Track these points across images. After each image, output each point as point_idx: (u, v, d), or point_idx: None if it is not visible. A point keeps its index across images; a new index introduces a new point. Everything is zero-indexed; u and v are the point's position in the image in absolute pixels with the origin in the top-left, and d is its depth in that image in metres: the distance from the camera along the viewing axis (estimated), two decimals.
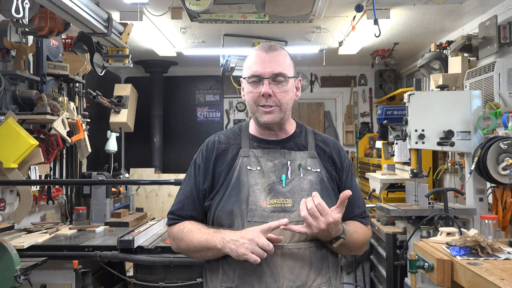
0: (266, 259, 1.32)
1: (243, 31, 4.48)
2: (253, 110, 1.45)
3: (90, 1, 2.78)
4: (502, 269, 1.58)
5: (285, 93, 1.43)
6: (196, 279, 2.64)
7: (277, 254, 1.33)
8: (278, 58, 1.43)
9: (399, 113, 3.34)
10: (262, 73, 1.41)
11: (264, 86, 1.40)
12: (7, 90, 3.25)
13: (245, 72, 1.46)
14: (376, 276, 3.85)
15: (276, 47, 1.46)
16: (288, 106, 1.45)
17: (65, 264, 2.74)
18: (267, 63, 1.41)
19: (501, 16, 3.52)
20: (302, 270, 1.34)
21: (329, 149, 1.51)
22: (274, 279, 1.32)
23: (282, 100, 1.42)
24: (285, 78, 1.42)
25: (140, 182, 4.58)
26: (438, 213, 2.71)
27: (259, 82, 1.42)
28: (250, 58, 1.46)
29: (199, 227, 1.43)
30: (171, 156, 6.46)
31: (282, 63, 1.43)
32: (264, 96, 1.40)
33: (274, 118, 1.42)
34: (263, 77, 1.41)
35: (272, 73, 1.41)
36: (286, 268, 1.33)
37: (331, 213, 1.29)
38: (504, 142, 2.83)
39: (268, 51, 1.44)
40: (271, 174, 1.41)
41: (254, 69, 1.42)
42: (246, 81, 1.45)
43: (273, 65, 1.41)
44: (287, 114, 1.47)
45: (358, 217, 1.52)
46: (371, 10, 3.40)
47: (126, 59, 3.54)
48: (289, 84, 1.44)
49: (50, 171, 3.87)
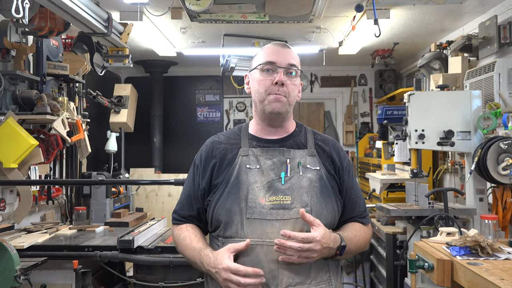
0: (266, 256, 1.33)
1: (243, 31, 4.48)
2: (261, 99, 1.46)
3: (90, 1, 2.78)
4: (502, 269, 1.57)
5: (295, 86, 1.48)
6: (196, 279, 2.64)
7: (276, 251, 1.33)
8: (292, 54, 1.49)
9: (399, 113, 3.34)
10: (278, 62, 1.45)
11: (279, 74, 1.44)
12: (7, 90, 3.25)
13: (259, 61, 1.49)
14: (376, 276, 3.85)
15: (289, 46, 1.53)
16: (294, 101, 1.49)
17: (65, 264, 2.74)
18: (283, 54, 1.47)
19: (501, 16, 3.52)
20: (301, 267, 1.34)
21: (328, 148, 1.52)
22: (273, 276, 1.33)
23: (292, 92, 1.46)
24: (296, 72, 1.48)
25: (140, 182, 4.58)
26: (438, 213, 2.71)
27: (273, 70, 1.45)
28: (264, 50, 1.51)
29: (192, 236, 1.46)
30: (171, 156, 6.46)
31: (295, 58, 1.50)
32: (277, 84, 1.43)
33: (281, 107, 1.44)
34: (278, 66, 1.45)
35: (288, 63, 1.46)
36: (285, 265, 1.33)
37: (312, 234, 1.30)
38: (504, 142, 2.83)
39: (283, 46, 1.50)
40: (270, 172, 1.42)
41: (270, 57, 1.46)
42: (260, 68, 1.47)
43: (288, 56, 1.47)
44: (291, 109, 1.50)
45: (359, 218, 1.52)
46: (371, 10, 3.40)
47: (126, 59, 3.54)
48: (298, 79, 1.49)
49: (50, 171, 3.87)
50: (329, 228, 1.42)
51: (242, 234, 1.36)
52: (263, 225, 1.35)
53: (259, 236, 1.35)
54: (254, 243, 1.35)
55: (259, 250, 1.34)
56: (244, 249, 1.32)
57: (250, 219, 1.36)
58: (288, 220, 1.36)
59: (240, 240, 1.36)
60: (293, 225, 1.36)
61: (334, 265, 1.44)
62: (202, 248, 1.40)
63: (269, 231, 1.35)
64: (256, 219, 1.36)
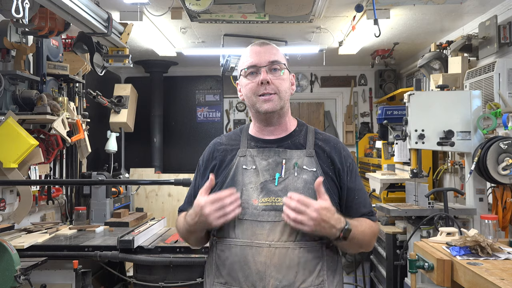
0: (254, 258, 1.33)
1: (243, 31, 4.48)
2: (252, 102, 1.47)
3: (90, 1, 2.78)
4: (502, 269, 1.58)
5: (282, 80, 1.47)
6: (196, 279, 2.64)
7: (264, 252, 1.32)
8: (272, 50, 1.49)
9: (399, 113, 3.34)
10: (259, 63, 1.45)
11: (262, 74, 1.44)
12: (7, 90, 3.25)
13: (241, 66, 1.50)
14: (376, 276, 3.85)
15: (268, 42, 1.54)
16: (287, 95, 1.48)
17: (65, 264, 2.74)
18: (262, 53, 1.47)
19: (501, 16, 3.52)
20: (289, 270, 1.32)
21: (328, 148, 1.48)
22: (260, 277, 1.32)
23: (280, 87, 1.45)
24: (280, 66, 1.47)
25: (140, 182, 4.57)
26: (438, 213, 2.71)
27: (256, 72, 1.46)
28: (244, 54, 1.52)
29: (183, 214, 1.48)
30: (171, 156, 6.46)
31: (276, 53, 1.49)
32: (262, 83, 1.43)
33: (274, 106, 1.44)
34: (260, 66, 1.45)
35: (268, 61, 1.45)
36: (272, 267, 1.32)
37: (316, 201, 1.30)
38: (504, 142, 2.83)
39: (261, 45, 1.51)
40: (265, 173, 1.41)
41: (250, 61, 1.47)
42: (243, 74, 1.48)
43: (267, 54, 1.47)
44: (286, 104, 1.50)
45: (365, 216, 1.49)
46: (371, 10, 3.39)
47: (126, 59, 3.53)
48: (285, 73, 1.49)
49: (50, 171, 3.87)
50: None
51: (233, 235, 1.37)
52: (254, 226, 1.35)
53: (249, 237, 1.35)
54: (243, 244, 1.35)
55: (247, 251, 1.34)
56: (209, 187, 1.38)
57: (241, 219, 1.36)
58: (279, 222, 1.34)
59: (231, 240, 1.37)
60: (284, 228, 1.33)
61: (330, 269, 1.39)
62: (186, 213, 1.44)
63: (258, 232, 1.34)
64: (247, 220, 1.36)
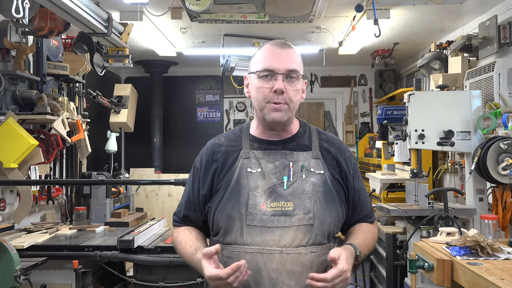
0: (266, 264, 1.29)
1: (243, 31, 4.48)
2: (261, 107, 1.37)
3: (90, 1, 2.78)
4: (502, 269, 1.57)
5: (296, 91, 1.38)
6: (196, 279, 2.64)
7: (276, 259, 1.29)
8: (293, 55, 1.38)
9: (399, 113, 3.34)
10: (277, 68, 1.35)
11: (278, 81, 1.34)
12: (7, 90, 3.25)
13: (256, 66, 1.39)
14: (376, 276, 3.85)
15: (290, 44, 1.41)
16: (296, 106, 1.39)
17: (65, 264, 2.74)
18: (282, 58, 1.36)
19: (501, 16, 3.51)
20: (301, 275, 1.28)
21: (334, 150, 1.45)
22: (272, 284, 1.28)
23: (293, 98, 1.36)
24: (297, 76, 1.38)
25: (140, 182, 4.58)
26: (438, 213, 2.70)
27: (272, 77, 1.35)
28: (262, 52, 1.40)
29: (187, 240, 1.41)
30: (171, 156, 6.46)
31: (296, 60, 1.38)
32: (276, 92, 1.34)
33: (283, 116, 1.36)
34: (277, 72, 1.35)
35: (287, 69, 1.35)
36: (285, 274, 1.29)
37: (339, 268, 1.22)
38: (504, 142, 2.83)
39: (282, 47, 1.39)
40: (272, 176, 1.35)
41: (268, 64, 1.35)
42: (257, 75, 1.37)
43: (288, 61, 1.36)
44: (293, 114, 1.41)
45: (367, 218, 1.51)
46: (371, 10, 3.39)
47: (126, 59, 3.53)
48: (299, 83, 1.39)
49: (50, 171, 3.87)
50: (332, 234, 1.38)
51: (241, 241, 1.32)
52: (263, 232, 1.30)
53: (259, 244, 1.30)
54: (253, 250, 1.30)
55: (258, 258, 1.29)
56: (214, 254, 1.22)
57: (250, 226, 1.31)
58: (290, 227, 1.31)
59: (240, 247, 1.32)
60: (295, 233, 1.31)
61: None
62: (193, 253, 1.35)
63: (269, 238, 1.30)
64: (257, 226, 1.31)
